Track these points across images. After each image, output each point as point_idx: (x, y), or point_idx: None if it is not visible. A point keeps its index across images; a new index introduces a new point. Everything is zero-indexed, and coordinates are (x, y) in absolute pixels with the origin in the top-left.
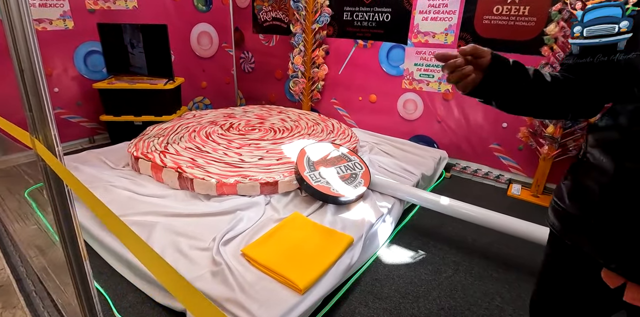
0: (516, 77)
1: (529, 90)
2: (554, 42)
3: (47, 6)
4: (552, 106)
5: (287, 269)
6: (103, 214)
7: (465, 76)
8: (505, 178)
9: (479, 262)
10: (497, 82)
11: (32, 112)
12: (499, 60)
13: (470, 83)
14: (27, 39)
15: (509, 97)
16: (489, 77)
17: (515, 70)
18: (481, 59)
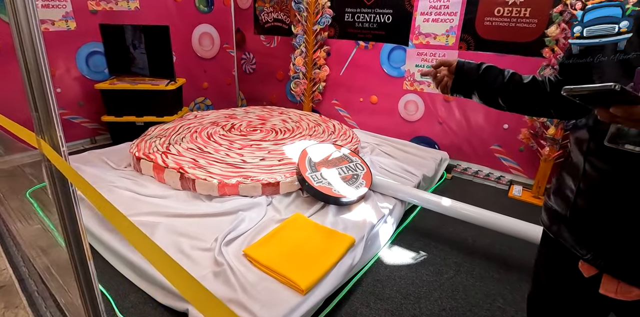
0: (484, 77)
1: (501, 89)
2: (555, 43)
3: (50, 7)
4: (529, 103)
5: (289, 269)
6: (110, 214)
7: (439, 81)
8: (506, 179)
9: (480, 263)
10: (464, 82)
11: (38, 113)
12: (461, 66)
13: (444, 85)
14: (33, 40)
15: (483, 94)
16: (455, 79)
17: (484, 73)
18: (450, 66)
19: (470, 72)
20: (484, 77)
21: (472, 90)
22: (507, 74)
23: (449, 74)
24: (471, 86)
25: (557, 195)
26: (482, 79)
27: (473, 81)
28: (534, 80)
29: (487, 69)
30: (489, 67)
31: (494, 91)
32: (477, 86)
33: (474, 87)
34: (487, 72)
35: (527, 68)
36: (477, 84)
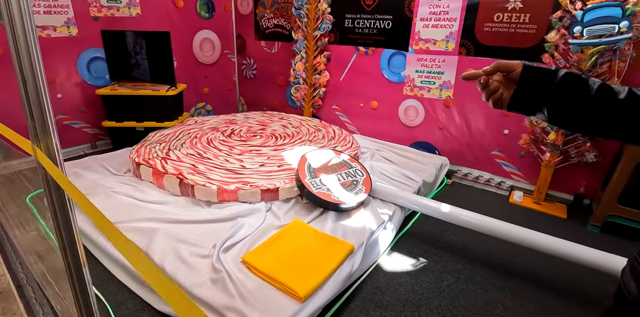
0: (561, 90)
1: (583, 107)
2: (555, 49)
3: (52, 13)
4: (623, 129)
5: (287, 276)
6: (102, 225)
7: (492, 92)
8: (507, 185)
9: (480, 270)
10: (530, 96)
11: (33, 121)
12: (529, 73)
13: (498, 99)
14: (29, 48)
15: (555, 113)
16: (518, 91)
17: (561, 84)
18: (511, 73)
19: (541, 82)
20: (561, 90)
21: (540, 107)
22: (593, 86)
23: (507, 83)
24: (540, 102)
25: None
26: (559, 92)
27: (545, 95)
28: (632, 94)
29: (566, 79)
30: (568, 75)
31: (573, 110)
32: (549, 102)
33: (544, 103)
34: (566, 82)
35: None
36: (550, 99)
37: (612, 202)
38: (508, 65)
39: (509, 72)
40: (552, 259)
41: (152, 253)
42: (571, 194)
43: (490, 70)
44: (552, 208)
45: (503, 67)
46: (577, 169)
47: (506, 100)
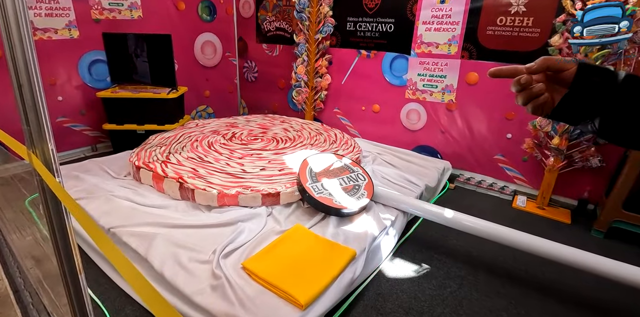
0: (624, 97)
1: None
2: (559, 53)
3: (53, 16)
4: None
5: (288, 283)
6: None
7: (534, 96)
8: (510, 189)
9: (484, 277)
10: (586, 103)
11: (29, 127)
12: (587, 75)
13: (541, 105)
14: (25, 54)
15: (612, 125)
16: (571, 97)
17: (626, 86)
18: (563, 72)
19: (600, 86)
20: (623, 97)
21: (592, 117)
22: None
23: (552, 85)
24: (595, 110)
25: None
26: (620, 99)
27: (602, 102)
28: None
29: (630, 82)
30: (632, 78)
31: (634, 121)
32: (606, 111)
33: (599, 111)
34: (631, 86)
35: None
36: (608, 107)
37: (617, 208)
38: (559, 63)
39: (560, 71)
40: (556, 265)
41: (151, 258)
42: (575, 199)
43: (537, 68)
44: (556, 213)
45: (554, 65)
46: (581, 174)
47: (549, 106)
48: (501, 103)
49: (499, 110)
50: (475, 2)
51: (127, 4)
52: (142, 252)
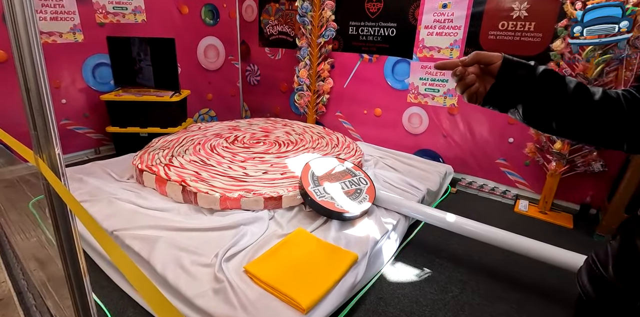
0: (540, 88)
1: (560, 107)
2: (561, 57)
3: (58, 20)
4: (596, 132)
5: (289, 287)
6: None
7: (468, 86)
8: (512, 194)
9: (485, 281)
10: (508, 92)
11: (36, 132)
12: (509, 67)
13: (473, 93)
14: (34, 60)
15: (531, 111)
16: (496, 86)
17: (541, 80)
18: (491, 65)
19: (520, 77)
20: (539, 87)
21: (516, 104)
22: (571, 85)
23: (484, 76)
24: (517, 98)
25: (624, 268)
26: (537, 89)
27: (522, 92)
28: (606, 96)
29: (546, 75)
30: (548, 72)
31: (550, 109)
32: (526, 99)
33: (520, 100)
34: (545, 79)
35: None
36: (527, 96)
37: (619, 213)
38: (488, 56)
39: (489, 64)
40: (558, 270)
41: (153, 262)
42: (577, 203)
43: (469, 61)
44: (558, 218)
45: (483, 58)
46: (584, 178)
47: (482, 94)
48: None
49: (501, 115)
50: (477, 6)
51: (131, 8)
52: (145, 255)
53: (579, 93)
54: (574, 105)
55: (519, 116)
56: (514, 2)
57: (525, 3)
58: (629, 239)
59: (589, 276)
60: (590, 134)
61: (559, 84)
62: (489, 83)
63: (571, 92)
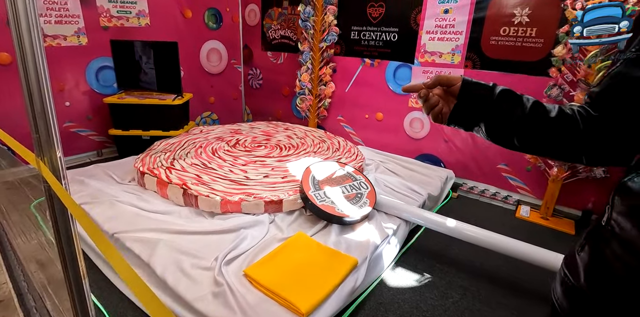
0: (499, 106)
1: (519, 125)
2: (562, 63)
3: (63, 23)
4: (554, 148)
5: (289, 291)
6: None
7: (432, 107)
8: (513, 199)
9: (486, 287)
10: (469, 111)
11: (38, 135)
12: (468, 89)
13: (438, 114)
14: (37, 63)
15: (493, 129)
16: (458, 106)
17: (499, 100)
18: (452, 87)
19: (480, 97)
20: (498, 106)
21: (478, 123)
22: (528, 104)
23: (447, 97)
24: (478, 117)
25: (594, 278)
26: (496, 108)
27: (483, 111)
28: (562, 113)
29: (504, 95)
30: (505, 91)
31: (509, 126)
32: (487, 118)
33: (481, 118)
34: (503, 99)
35: (533, 87)
36: (487, 114)
37: None
38: (448, 79)
39: (449, 86)
40: None
41: (154, 265)
42: (579, 209)
43: (431, 83)
44: (560, 224)
45: (444, 81)
46: (586, 184)
47: (446, 114)
48: None
49: None
50: (479, 12)
51: (135, 11)
52: (145, 257)
53: (535, 111)
54: (531, 123)
55: (482, 134)
56: (516, 8)
57: (526, 9)
58: (595, 251)
59: (562, 289)
60: (549, 150)
61: (517, 103)
62: (452, 103)
63: (528, 111)
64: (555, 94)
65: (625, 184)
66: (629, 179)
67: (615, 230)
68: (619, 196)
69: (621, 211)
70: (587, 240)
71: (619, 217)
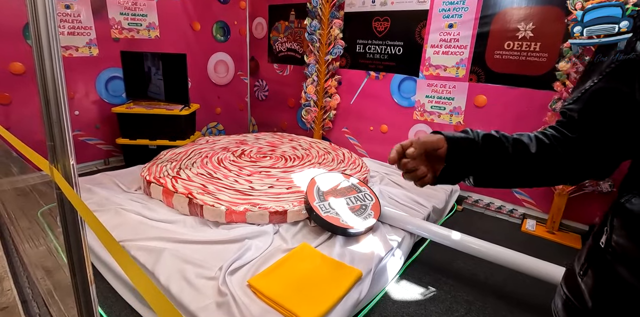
0: (487, 157)
1: (504, 170)
2: (567, 77)
3: (75, 34)
4: (542, 180)
5: (293, 303)
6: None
7: (418, 178)
8: (519, 213)
9: (492, 302)
10: (461, 169)
11: (53, 143)
12: (455, 150)
13: (427, 181)
14: (54, 72)
15: (481, 180)
16: (449, 167)
17: (485, 150)
18: (438, 150)
19: (466, 154)
20: (485, 157)
21: (467, 176)
22: (508, 145)
23: (431, 161)
24: (467, 172)
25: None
26: (483, 160)
27: (471, 166)
28: (541, 145)
29: (486, 143)
30: (486, 138)
31: (496, 173)
32: (475, 171)
33: (470, 172)
34: (487, 147)
35: (538, 101)
36: (475, 168)
37: None
38: (433, 144)
39: (436, 149)
40: None
41: (158, 273)
42: (586, 224)
43: (416, 153)
44: (566, 238)
45: (429, 147)
46: (592, 198)
47: (432, 178)
48: (509, 126)
49: (508, 133)
50: (483, 27)
51: (146, 24)
52: (150, 266)
53: (517, 151)
54: (515, 165)
55: (469, 183)
56: (520, 23)
57: (530, 24)
58: (603, 274)
59: (566, 311)
60: (537, 182)
61: (500, 149)
62: (438, 165)
63: (511, 153)
64: (560, 107)
65: (623, 205)
66: (626, 200)
67: (618, 253)
68: (619, 219)
69: (623, 234)
70: (588, 261)
71: (620, 240)
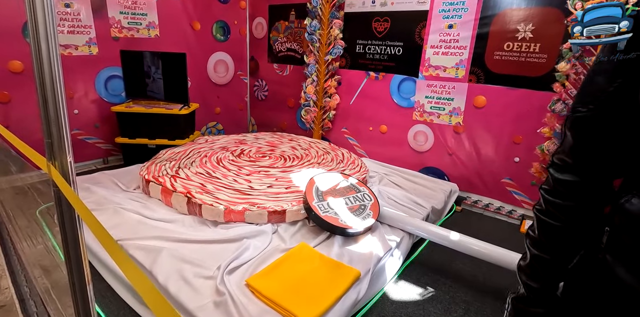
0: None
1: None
2: (566, 78)
3: (75, 33)
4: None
5: (291, 302)
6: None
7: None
8: (518, 214)
9: (490, 303)
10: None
11: (50, 140)
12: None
13: None
14: (52, 71)
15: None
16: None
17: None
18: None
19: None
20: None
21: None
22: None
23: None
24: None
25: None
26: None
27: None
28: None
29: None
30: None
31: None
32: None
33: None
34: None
35: (537, 102)
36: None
37: None
38: None
39: None
40: None
41: (156, 273)
42: None
43: None
44: None
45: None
46: None
47: None
48: (509, 127)
49: (507, 134)
50: (483, 27)
51: (146, 23)
52: (147, 265)
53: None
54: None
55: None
56: (519, 24)
57: (530, 25)
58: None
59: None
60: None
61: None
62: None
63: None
64: (559, 108)
65: (622, 205)
66: (625, 201)
67: (618, 253)
68: (618, 219)
69: (622, 234)
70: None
71: (620, 240)
